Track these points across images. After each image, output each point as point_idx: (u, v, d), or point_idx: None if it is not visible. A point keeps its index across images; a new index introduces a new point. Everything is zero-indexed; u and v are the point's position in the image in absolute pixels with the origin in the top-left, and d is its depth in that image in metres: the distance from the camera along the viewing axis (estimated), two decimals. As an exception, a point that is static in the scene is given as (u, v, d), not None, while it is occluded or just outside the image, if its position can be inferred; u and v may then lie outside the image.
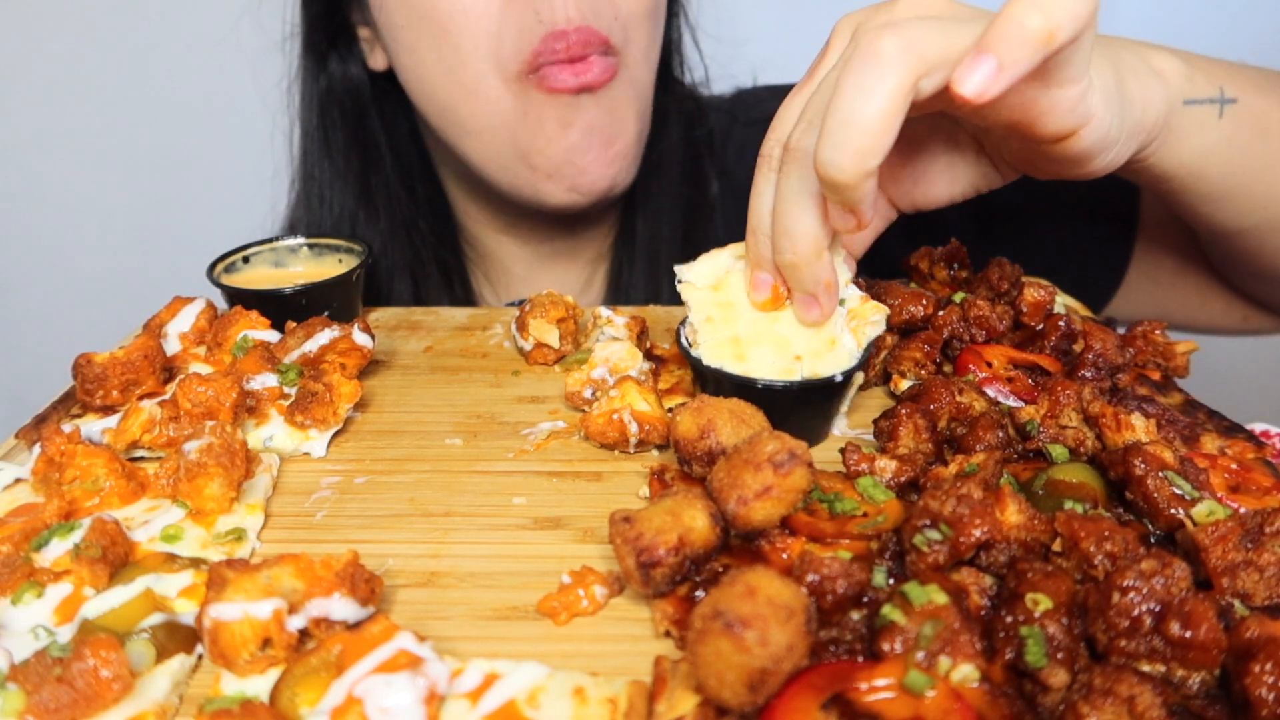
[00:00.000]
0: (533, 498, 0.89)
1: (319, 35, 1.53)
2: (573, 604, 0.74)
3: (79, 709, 0.62)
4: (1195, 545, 0.70)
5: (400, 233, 1.56)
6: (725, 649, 0.57)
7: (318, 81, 1.55)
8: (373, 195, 1.55)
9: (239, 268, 1.27)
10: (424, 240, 1.58)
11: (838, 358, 0.93)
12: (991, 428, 0.88)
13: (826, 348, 0.93)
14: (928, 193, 1.09)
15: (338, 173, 1.56)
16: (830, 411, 0.97)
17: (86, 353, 0.99)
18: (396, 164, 1.57)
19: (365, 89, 1.55)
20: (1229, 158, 1.05)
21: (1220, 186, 1.08)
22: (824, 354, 0.93)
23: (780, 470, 0.74)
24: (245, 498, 0.86)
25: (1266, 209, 1.12)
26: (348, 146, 1.55)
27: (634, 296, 1.57)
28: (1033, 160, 1.00)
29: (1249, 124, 1.05)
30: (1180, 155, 1.02)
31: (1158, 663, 0.62)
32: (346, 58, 1.54)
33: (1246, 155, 1.06)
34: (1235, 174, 1.07)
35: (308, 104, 1.57)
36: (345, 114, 1.55)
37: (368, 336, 1.08)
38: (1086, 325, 1.03)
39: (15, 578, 0.75)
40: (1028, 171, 1.05)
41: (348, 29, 1.53)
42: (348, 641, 0.65)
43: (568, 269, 1.64)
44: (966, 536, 0.70)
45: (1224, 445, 0.89)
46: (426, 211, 1.60)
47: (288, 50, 1.58)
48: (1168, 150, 1.01)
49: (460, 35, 1.29)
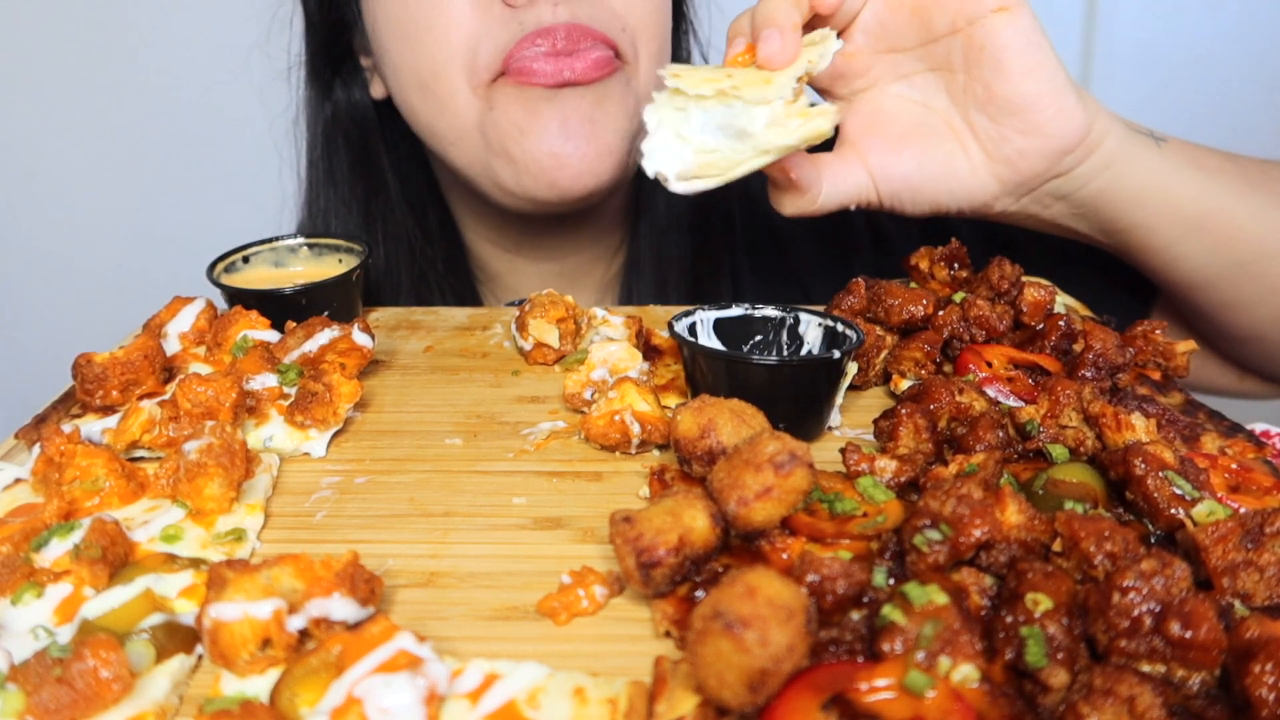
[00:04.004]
0: (533, 498, 0.89)
1: (323, 63, 1.53)
2: (573, 604, 0.74)
3: (79, 709, 0.62)
4: (1195, 545, 0.70)
5: (404, 258, 1.56)
6: (725, 649, 0.57)
7: (322, 109, 1.55)
8: (376, 222, 1.55)
9: (239, 268, 1.27)
10: (429, 265, 1.57)
11: (778, 123, 0.93)
12: (991, 428, 0.88)
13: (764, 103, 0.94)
14: (904, 164, 1.11)
15: (342, 200, 1.56)
16: (822, 395, 0.97)
17: (86, 353, 0.99)
18: (401, 190, 1.56)
19: (370, 116, 1.55)
20: (1177, 191, 1.13)
21: (1174, 224, 1.15)
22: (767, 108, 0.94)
23: (781, 471, 0.74)
24: (245, 498, 0.86)
25: (1224, 253, 1.18)
26: (352, 174, 1.55)
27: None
28: (1001, 126, 1.06)
29: (1187, 163, 1.14)
30: (1133, 178, 1.11)
31: (1158, 663, 0.62)
32: (350, 85, 1.54)
33: (1193, 190, 1.14)
34: (1185, 210, 1.14)
35: (312, 132, 1.57)
36: (350, 141, 1.55)
37: (368, 336, 1.08)
38: (1086, 325, 1.03)
39: (15, 578, 0.75)
40: (997, 157, 1.09)
41: (351, 58, 1.53)
42: (348, 642, 0.65)
43: (578, 292, 1.63)
44: (966, 536, 0.70)
45: (1224, 445, 0.89)
46: (434, 236, 1.59)
47: (293, 79, 1.58)
48: (1120, 174, 1.10)
49: (436, 46, 1.29)
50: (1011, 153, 1.08)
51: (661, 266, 1.56)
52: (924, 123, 1.11)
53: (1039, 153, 1.07)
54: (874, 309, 1.11)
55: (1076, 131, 1.06)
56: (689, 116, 0.97)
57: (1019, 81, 1.04)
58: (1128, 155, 1.10)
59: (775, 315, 1.04)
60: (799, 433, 0.81)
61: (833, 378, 0.95)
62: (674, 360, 1.11)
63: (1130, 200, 1.13)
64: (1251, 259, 1.18)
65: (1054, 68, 1.05)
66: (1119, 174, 1.11)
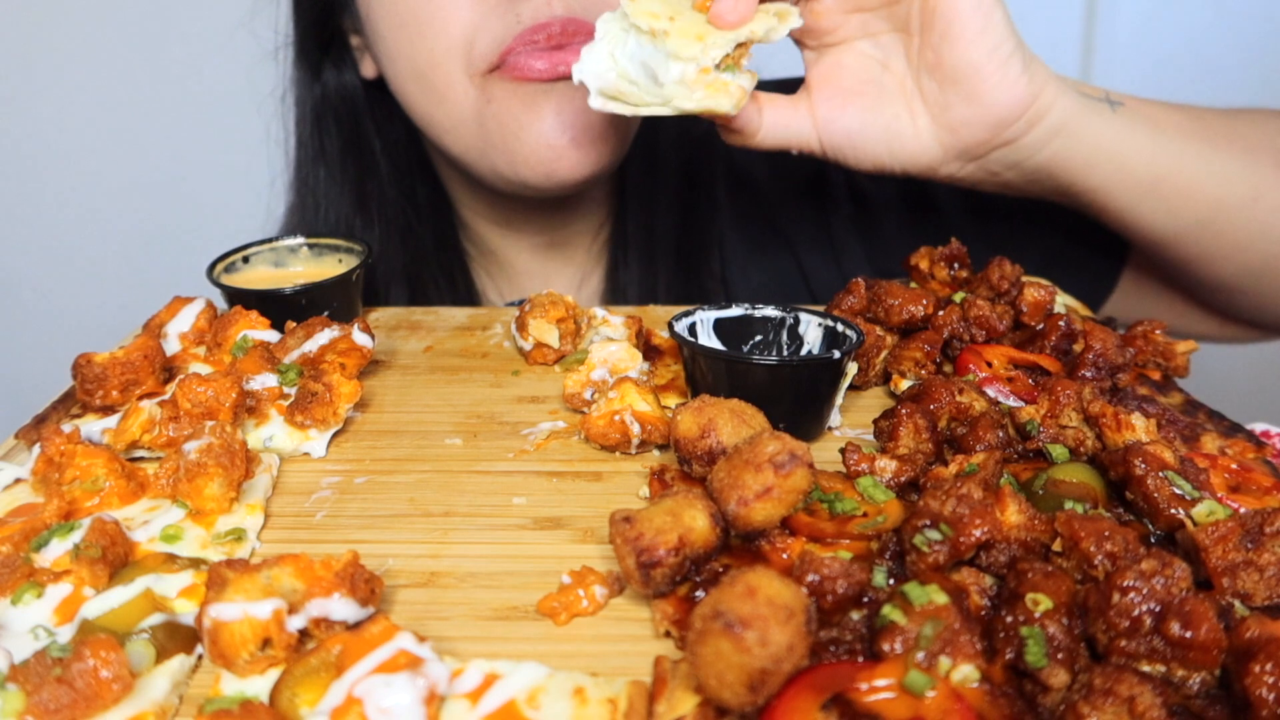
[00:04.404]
0: (533, 498, 0.89)
1: (311, 44, 1.53)
2: (573, 604, 0.74)
3: (79, 709, 0.62)
4: (1195, 545, 0.70)
5: (396, 238, 1.56)
6: (725, 649, 0.57)
7: (312, 90, 1.55)
8: (368, 201, 1.56)
9: (239, 268, 1.27)
10: (420, 244, 1.58)
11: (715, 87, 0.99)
12: (991, 428, 0.88)
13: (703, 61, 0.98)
14: (848, 118, 1.13)
15: (333, 180, 1.56)
16: (822, 395, 0.97)
17: (86, 353, 0.99)
18: (392, 170, 1.57)
19: (359, 96, 1.55)
20: (1131, 155, 1.15)
21: (1130, 187, 1.17)
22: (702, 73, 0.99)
23: (781, 471, 0.74)
24: (245, 498, 0.86)
25: (1184, 212, 1.20)
26: (343, 154, 1.56)
27: (630, 292, 1.58)
28: (945, 93, 1.09)
29: (1145, 125, 1.16)
30: (1085, 145, 1.13)
31: (1158, 663, 0.62)
32: (340, 65, 1.54)
33: (1149, 153, 1.15)
34: (1146, 168, 1.16)
35: (302, 112, 1.58)
36: (340, 121, 1.55)
37: (367, 336, 1.08)
38: (1086, 325, 1.03)
39: (15, 578, 0.75)
40: (941, 123, 1.11)
41: (340, 37, 1.53)
42: (348, 642, 0.65)
43: (566, 263, 1.64)
44: (966, 536, 0.70)
45: (1224, 445, 0.89)
46: (427, 214, 1.60)
47: (281, 59, 1.58)
48: (1071, 141, 1.12)
49: (435, 39, 1.30)
50: (954, 120, 1.10)
51: (650, 236, 1.58)
52: (878, 82, 1.14)
53: (980, 121, 1.09)
54: (874, 309, 1.11)
55: (1018, 102, 1.07)
56: (625, 40, 1.00)
57: (964, 48, 1.06)
58: (1079, 123, 1.12)
59: (775, 315, 1.05)
60: (799, 433, 0.81)
61: (833, 378, 0.95)
62: (674, 360, 1.11)
63: (1083, 166, 1.15)
64: (1211, 217, 1.20)
65: (1001, 36, 1.06)
66: (1069, 142, 1.12)
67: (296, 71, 1.57)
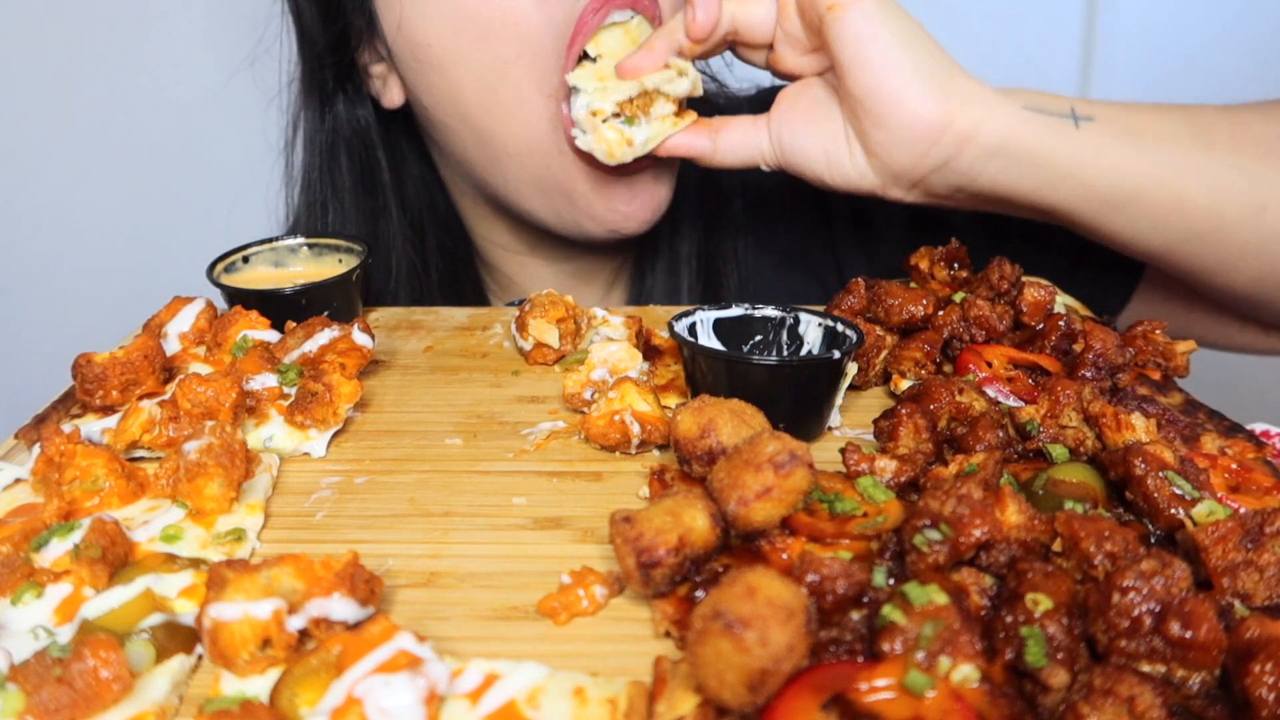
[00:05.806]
0: (533, 498, 0.89)
1: (323, 77, 1.48)
2: (573, 604, 0.74)
3: (79, 709, 0.62)
4: (1195, 545, 0.70)
5: (405, 266, 1.55)
6: (725, 649, 0.57)
7: (322, 125, 1.51)
8: (380, 233, 1.54)
9: (239, 268, 1.27)
10: (434, 265, 1.57)
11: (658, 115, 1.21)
12: (991, 428, 0.88)
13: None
14: (794, 138, 1.20)
15: (344, 215, 1.54)
16: (822, 395, 0.97)
17: (86, 353, 0.99)
18: (405, 202, 1.55)
19: (373, 130, 1.51)
20: (1094, 173, 1.11)
21: (1096, 204, 1.14)
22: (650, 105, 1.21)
23: (781, 471, 0.74)
24: (245, 498, 0.86)
25: (1171, 225, 1.15)
26: (355, 188, 1.53)
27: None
28: (858, 119, 1.12)
29: (1118, 140, 1.12)
30: (1034, 165, 1.11)
31: (1158, 663, 0.62)
32: (355, 100, 1.50)
33: (1120, 170, 1.12)
34: (1114, 185, 1.12)
35: (313, 148, 1.54)
36: (352, 156, 1.52)
37: (368, 336, 1.08)
38: (1086, 325, 1.03)
39: (15, 578, 0.75)
40: (867, 148, 1.14)
41: (355, 70, 1.47)
42: (348, 642, 0.65)
43: (589, 286, 1.63)
44: (966, 536, 0.70)
45: (1224, 445, 0.89)
46: (440, 233, 1.59)
47: (284, 75, 1.55)
48: (1016, 162, 1.10)
49: (502, 43, 1.25)
50: (874, 144, 1.12)
51: (672, 259, 1.58)
52: (826, 109, 1.17)
53: (895, 144, 1.10)
54: (874, 309, 1.11)
55: (927, 123, 1.07)
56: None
57: (860, 75, 1.08)
58: (1024, 143, 1.09)
59: (775, 315, 1.05)
60: (799, 433, 0.81)
61: (833, 378, 0.95)
62: (674, 360, 1.11)
63: (1039, 185, 1.13)
64: (1208, 229, 1.15)
65: (895, 61, 1.07)
66: (1014, 163, 1.10)
67: (305, 107, 1.53)
